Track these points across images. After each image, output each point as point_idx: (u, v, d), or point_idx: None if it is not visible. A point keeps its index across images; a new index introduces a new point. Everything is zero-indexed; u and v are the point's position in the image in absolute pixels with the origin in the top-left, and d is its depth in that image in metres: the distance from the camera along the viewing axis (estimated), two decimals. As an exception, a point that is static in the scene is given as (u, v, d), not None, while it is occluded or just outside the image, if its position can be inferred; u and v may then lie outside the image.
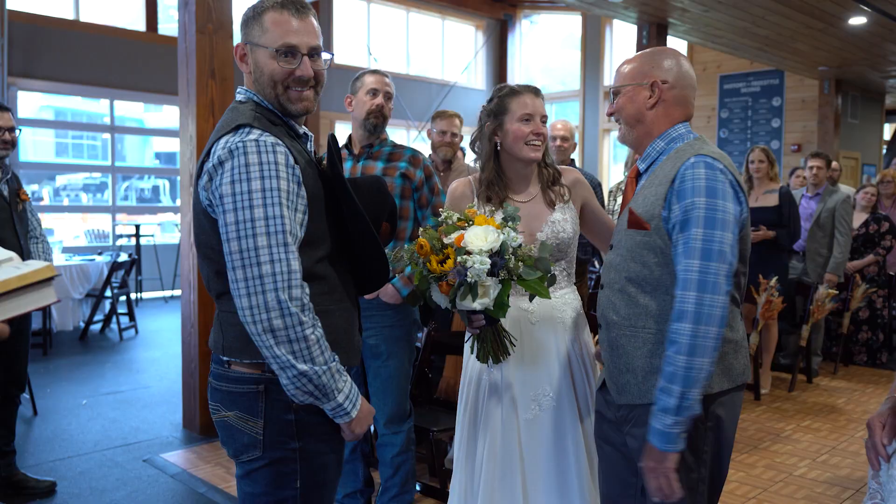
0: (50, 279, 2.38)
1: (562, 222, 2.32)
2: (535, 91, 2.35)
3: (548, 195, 2.35)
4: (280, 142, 1.58)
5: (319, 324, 1.56)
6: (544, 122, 2.32)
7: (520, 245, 1.98)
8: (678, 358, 1.65)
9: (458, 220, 2.02)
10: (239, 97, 1.72)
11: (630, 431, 1.85)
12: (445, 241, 1.97)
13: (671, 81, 1.85)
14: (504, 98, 2.33)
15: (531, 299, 2.22)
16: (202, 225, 1.64)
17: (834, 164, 6.98)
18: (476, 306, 1.94)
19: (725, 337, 1.76)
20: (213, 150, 1.57)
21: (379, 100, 2.93)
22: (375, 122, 2.94)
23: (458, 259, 1.91)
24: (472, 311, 1.99)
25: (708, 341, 1.64)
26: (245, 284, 1.49)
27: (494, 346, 2.08)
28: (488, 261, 1.90)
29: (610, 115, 1.96)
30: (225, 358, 1.66)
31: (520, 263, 1.95)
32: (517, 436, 2.25)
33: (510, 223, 2.00)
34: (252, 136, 1.55)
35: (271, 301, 1.48)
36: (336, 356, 1.59)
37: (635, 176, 1.94)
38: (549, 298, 2.07)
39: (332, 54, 1.76)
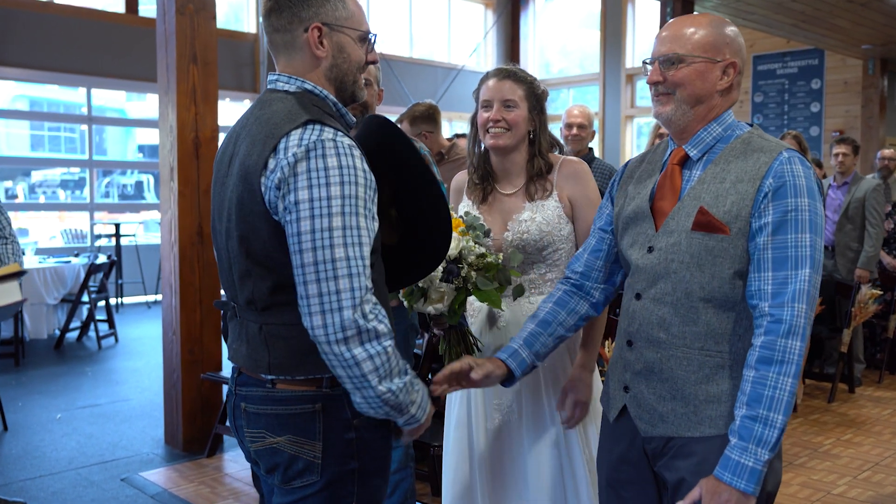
0: (16, 275, 2.40)
1: (527, 222, 2.25)
2: (502, 74, 2.29)
3: (531, 189, 2.30)
4: (354, 143, 1.56)
5: (391, 331, 1.56)
6: (509, 106, 2.25)
7: (482, 254, 2.11)
8: (786, 381, 1.55)
9: None
10: (286, 87, 1.65)
11: (669, 464, 1.74)
12: None
13: (739, 65, 1.75)
14: (478, 86, 2.35)
15: (514, 298, 2.30)
16: (256, 228, 1.56)
17: (888, 151, 6.90)
18: (430, 310, 2.11)
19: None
20: (282, 145, 1.51)
21: None
22: (357, 117, 2.93)
23: None
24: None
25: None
26: (319, 301, 1.48)
27: (458, 347, 2.23)
28: (439, 268, 2.04)
29: (657, 82, 1.74)
30: (270, 377, 1.62)
31: (472, 274, 2.09)
32: (482, 443, 2.34)
33: (472, 231, 2.13)
34: (328, 135, 1.52)
35: (347, 318, 1.48)
36: (407, 365, 1.60)
37: (680, 162, 1.78)
38: (501, 309, 2.23)
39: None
